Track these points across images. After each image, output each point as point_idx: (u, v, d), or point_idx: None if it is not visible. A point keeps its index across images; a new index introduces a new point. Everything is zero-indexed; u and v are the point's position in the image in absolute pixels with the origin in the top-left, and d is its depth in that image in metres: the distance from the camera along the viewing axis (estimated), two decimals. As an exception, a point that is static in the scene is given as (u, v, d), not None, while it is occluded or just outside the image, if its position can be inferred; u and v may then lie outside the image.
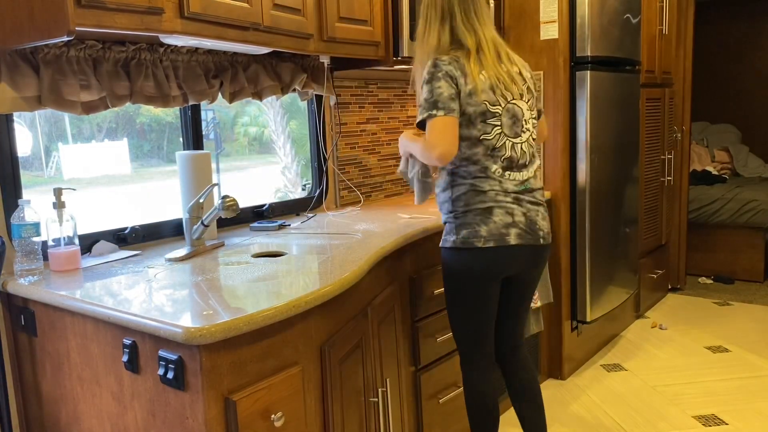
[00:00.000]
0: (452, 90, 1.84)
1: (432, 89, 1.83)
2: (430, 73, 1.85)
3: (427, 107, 1.83)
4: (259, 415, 1.34)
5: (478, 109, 1.85)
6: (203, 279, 1.63)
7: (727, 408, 2.78)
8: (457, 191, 1.92)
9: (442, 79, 1.84)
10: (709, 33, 5.84)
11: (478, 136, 1.87)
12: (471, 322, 2.01)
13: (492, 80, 1.88)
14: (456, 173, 1.93)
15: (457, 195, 1.92)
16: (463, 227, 1.91)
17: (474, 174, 1.90)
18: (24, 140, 1.92)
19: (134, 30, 1.61)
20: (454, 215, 1.93)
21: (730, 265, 4.73)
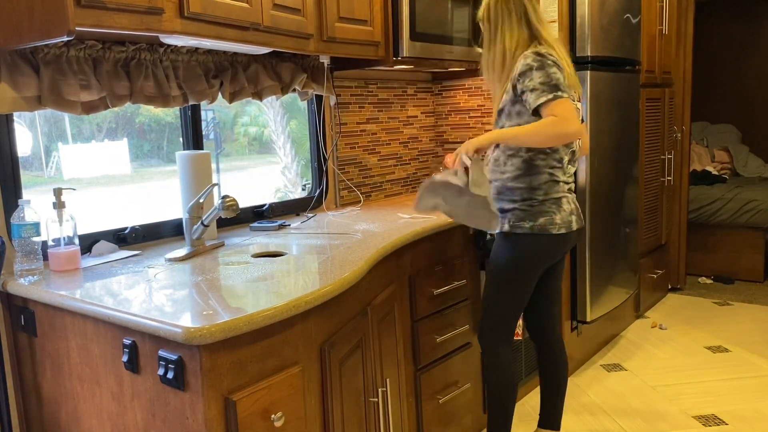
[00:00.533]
0: (563, 77, 1.92)
1: (548, 74, 1.89)
2: (539, 61, 1.91)
3: (548, 89, 1.88)
4: (259, 415, 1.34)
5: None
6: (203, 279, 1.63)
7: (727, 408, 2.78)
8: (537, 180, 2.04)
9: (553, 65, 1.91)
10: (709, 33, 5.84)
11: None
12: (520, 303, 2.16)
13: (570, 79, 1.99)
14: (532, 162, 2.03)
15: (537, 184, 2.04)
16: (541, 215, 2.04)
17: (551, 164, 2.04)
18: (24, 140, 1.92)
19: (134, 30, 1.61)
20: (529, 203, 2.05)
21: (730, 265, 4.73)
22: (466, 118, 3.26)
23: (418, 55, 2.57)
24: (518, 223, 2.06)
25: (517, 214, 2.06)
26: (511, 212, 2.08)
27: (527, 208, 2.05)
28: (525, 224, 2.05)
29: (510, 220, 2.07)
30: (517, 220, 2.06)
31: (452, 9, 2.71)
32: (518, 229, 2.06)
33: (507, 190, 2.08)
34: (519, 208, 2.06)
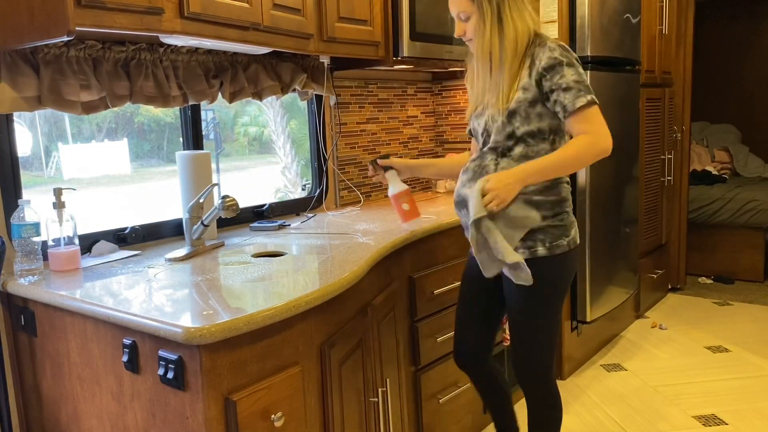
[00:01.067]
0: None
1: (579, 72, 1.72)
2: (566, 55, 1.71)
3: (585, 90, 1.70)
4: (259, 415, 1.34)
5: None
6: (203, 279, 1.63)
7: (727, 408, 2.78)
8: (563, 190, 1.83)
9: (580, 64, 1.75)
10: (709, 33, 5.84)
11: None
12: (558, 331, 1.93)
13: None
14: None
15: (565, 194, 1.83)
16: (572, 226, 1.84)
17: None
18: (24, 140, 1.92)
19: (134, 30, 1.61)
20: (561, 217, 1.81)
21: (730, 265, 4.73)
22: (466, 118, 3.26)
23: (418, 55, 2.57)
24: (556, 242, 1.79)
25: (552, 232, 1.79)
26: (544, 231, 1.78)
27: (560, 224, 1.80)
28: (563, 241, 1.80)
29: (545, 241, 1.78)
30: (554, 239, 1.79)
31: (452, 9, 2.71)
32: (557, 249, 1.79)
33: (536, 206, 1.78)
34: (553, 224, 1.79)
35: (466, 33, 1.80)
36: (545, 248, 1.78)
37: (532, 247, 1.78)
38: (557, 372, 3.12)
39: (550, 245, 1.78)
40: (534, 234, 1.78)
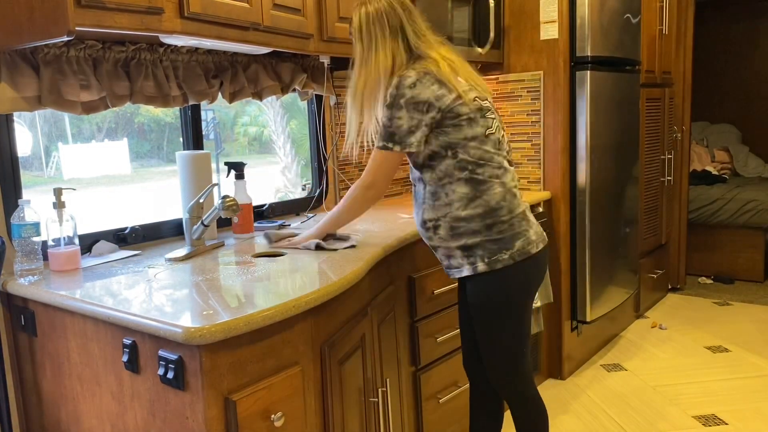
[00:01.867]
0: (418, 118, 1.72)
1: (391, 116, 1.73)
2: (392, 95, 1.72)
3: (383, 136, 1.75)
4: (259, 415, 1.34)
5: (473, 106, 1.75)
6: (203, 279, 1.63)
7: (727, 408, 2.78)
8: (492, 197, 1.75)
9: (405, 106, 1.70)
10: (709, 33, 5.84)
11: (484, 132, 1.76)
12: (525, 338, 1.89)
13: (470, 82, 1.80)
14: (476, 179, 1.75)
15: (496, 202, 1.75)
16: (516, 237, 1.76)
17: (497, 174, 1.77)
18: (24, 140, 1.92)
19: (134, 30, 1.61)
20: (498, 229, 1.74)
21: (730, 265, 4.73)
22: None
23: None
24: (494, 257, 1.75)
25: (489, 246, 1.75)
26: (480, 246, 1.75)
27: (498, 236, 1.75)
28: (503, 255, 1.75)
29: (483, 257, 1.75)
30: (491, 253, 1.75)
31: (452, 9, 2.71)
32: (497, 264, 1.75)
33: (463, 223, 1.75)
34: (488, 239, 1.75)
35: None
36: (484, 264, 1.76)
37: (474, 263, 1.77)
38: (557, 372, 3.12)
39: (487, 261, 1.76)
40: (473, 250, 1.76)
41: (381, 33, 1.76)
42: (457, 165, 1.74)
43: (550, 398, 2.92)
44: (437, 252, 1.86)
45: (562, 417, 2.74)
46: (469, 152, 1.75)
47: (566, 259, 3.06)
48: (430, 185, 1.79)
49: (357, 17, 1.81)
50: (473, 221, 1.75)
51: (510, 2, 3.02)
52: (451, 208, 1.76)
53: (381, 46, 1.76)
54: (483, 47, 2.89)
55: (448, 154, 1.75)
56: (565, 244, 3.05)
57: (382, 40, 1.76)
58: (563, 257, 3.04)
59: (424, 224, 1.83)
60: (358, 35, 1.80)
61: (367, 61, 1.78)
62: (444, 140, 1.74)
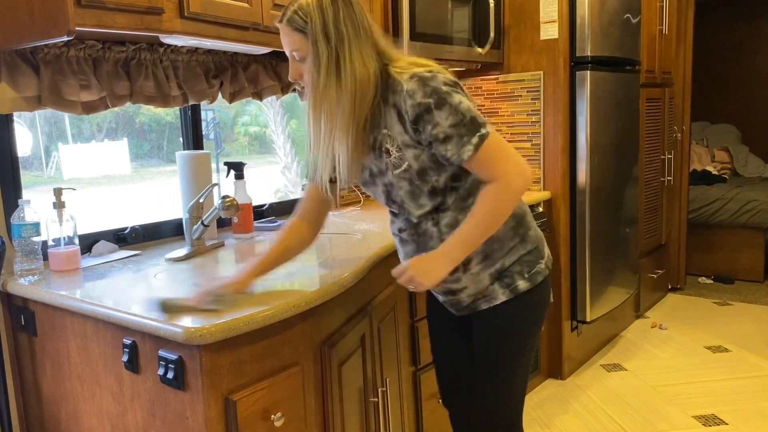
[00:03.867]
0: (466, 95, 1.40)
1: (456, 108, 1.34)
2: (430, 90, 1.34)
3: (467, 131, 1.34)
4: (259, 415, 1.34)
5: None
6: (203, 279, 1.63)
7: (727, 408, 2.78)
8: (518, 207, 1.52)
9: (451, 88, 1.37)
10: (709, 33, 5.84)
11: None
12: (528, 375, 1.65)
13: None
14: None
15: (520, 207, 1.53)
16: (543, 243, 1.57)
17: None
18: (24, 140, 1.92)
19: (134, 30, 1.61)
20: (530, 237, 1.53)
21: (730, 265, 4.73)
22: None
23: (418, 55, 2.57)
24: (533, 270, 1.53)
25: (526, 260, 1.52)
26: (517, 263, 1.51)
27: (532, 245, 1.54)
28: (540, 265, 1.54)
29: (522, 273, 1.51)
30: (530, 266, 1.52)
31: (452, 9, 2.71)
32: (537, 278, 1.53)
33: (497, 244, 1.49)
34: (525, 251, 1.53)
35: (302, 76, 1.41)
36: (525, 280, 1.51)
37: (511, 284, 1.50)
38: (557, 372, 3.12)
39: (529, 275, 1.52)
40: (510, 269, 1.50)
41: (355, 36, 1.35)
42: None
43: (550, 398, 2.92)
44: (461, 296, 1.54)
45: (562, 417, 2.74)
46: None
47: (566, 259, 3.06)
48: (451, 213, 1.45)
49: (314, 5, 1.34)
50: (507, 237, 1.50)
51: (510, 2, 3.02)
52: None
53: (357, 54, 1.35)
54: (483, 47, 2.89)
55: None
56: (565, 244, 3.05)
57: (357, 47, 1.35)
58: (563, 257, 3.04)
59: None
60: (322, 32, 1.33)
61: (337, 69, 1.35)
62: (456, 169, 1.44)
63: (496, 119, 3.15)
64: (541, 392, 2.99)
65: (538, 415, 2.77)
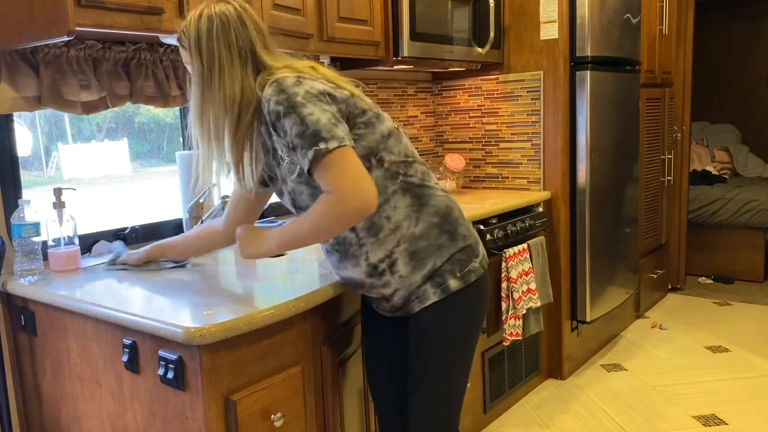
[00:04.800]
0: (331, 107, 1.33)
1: (301, 117, 1.29)
2: (282, 102, 1.30)
3: (307, 142, 1.28)
4: (259, 415, 1.34)
5: (368, 100, 1.48)
6: (203, 279, 1.63)
7: (727, 408, 2.78)
8: (439, 199, 1.46)
9: (303, 97, 1.30)
10: (709, 33, 5.84)
11: (393, 125, 1.48)
12: (465, 382, 1.56)
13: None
14: (411, 183, 1.43)
15: (444, 203, 1.46)
16: (478, 242, 1.51)
17: (426, 172, 1.48)
18: (24, 140, 1.92)
19: (134, 30, 1.61)
20: (461, 234, 1.47)
21: (730, 265, 4.73)
22: (466, 118, 3.26)
23: (418, 55, 2.57)
24: (466, 268, 1.45)
25: (458, 258, 1.45)
26: (449, 262, 1.44)
27: (464, 243, 1.47)
28: (474, 263, 1.47)
29: (453, 272, 1.44)
30: (463, 264, 1.45)
31: (452, 9, 2.72)
32: (471, 276, 1.46)
33: (423, 242, 1.42)
34: (456, 249, 1.45)
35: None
36: (457, 279, 1.45)
37: (442, 284, 1.44)
38: (557, 372, 3.12)
39: (462, 273, 1.45)
40: (441, 269, 1.44)
41: (227, 53, 1.35)
42: (387, 174, 1.41)
43: (550, 398, 2.92)
44: (393, 299, 1.47)
45: (562, 417, 2.74)
46: (392, 151, 1.42)
47: (566, 259, 3.06)
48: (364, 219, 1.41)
49: (194, 24, 1.37)
50: (432, 234, 1.43)
51: (510, 2, 3.02)
52: (401, 231, 1.41)
53: (228, 72, 1.35)
54: (483, 47, 2.89)
55: (372, 163, 1.40)
56: (565, 244, 3.05)
57: (228, 64, 1.35)
58: (563, 257, 3.04)
59: (374, 270, 1.44)
60: (195, 49, 1.36)
61: (210, 84, 1.36)
62: (363, 146, 1.38)
63: (496, 119, 3.15)
64: (541, 392, 2.99)
65: (538, 415, 2.77)
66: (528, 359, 2.93)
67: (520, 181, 3.12)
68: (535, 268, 2.73)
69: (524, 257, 2.65)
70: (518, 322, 2.63)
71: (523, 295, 2.62)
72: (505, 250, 2.58)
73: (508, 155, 3.15)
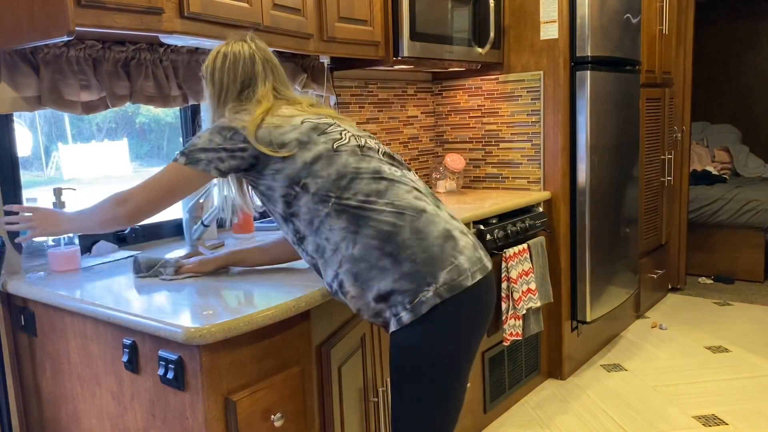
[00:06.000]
0: (226, 142, 1.47)
1: (198, 139, 1.49)
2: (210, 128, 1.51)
3: (181, 153, 1.49)
4: (259, 416, 1.34)
5: (303, 128, 1.49)
6: (203, 279, 1.63)
7: (727, 408, 2.78)
8: (382, 219, 1.40)
9: (213, 134, 1.48)
10: (709, 33, 5.84)
11: (330, 147, 1.48)
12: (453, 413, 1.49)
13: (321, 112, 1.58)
14: (345, 204, 1.41)
15: (389, 223, 1.39)
16: (438, 266, 1.38)
17: (377, 190, 1.43)
18: (24, 140, 1.92)
19: (134, 30, 1.61)
20: (409, 258, 1.37)
21: (730, 265, 4.73)
22: (466, 118, 3.26)
23: (418, 55, 2.58)
24: (416, 299, 1.35)
25: (404, 286, 1.36)
26: (396, 292, 1.36)
27: (410, 269, 1.35)
28: (426, 293, 1.35)
29: (403, 303, 1.36)
30: (412, 295, 1.35)
31: (452, 9, 2.72)
32: (422, 308, 1.34)
33: (362, 264, 1.38)
34: (401, 275, 1.36)
35: None
36: (408, 311, 1.36)
37: (397, 314, 1.38)
38: (557, 372, 3.12)
39: (411, 305, 1.36)
40: (390, 297, 1.37)
41: (233, 86, 1.56)
42: (316, 198, 1.41)
43: (550, 398, 2.92)
44: (363, 315, 1.47)
45: (562, 417, 2.74)
46: (320, 176, 1.42)
47: (566, 259, 3.06)
48: (309, 240, 1.46)
49: (211, 59, 1.58)
50: (372, 256, 1.38)
51: (510, 2, 3.02)
52: (340, 252, 1.40)
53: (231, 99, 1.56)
54: (483, 47, 2.89)
55: (296, 190, 1.43)
56: (565, 244, 3.05)
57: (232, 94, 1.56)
58: (563, 257, 3.04)
59: (331, 288, 1.47)
60: (210, 78, 1.58)
61: (216, 107, 1.58)
62: (283, 176, 1.43)
63: (496, 119, 3.15)
64: (541, 392, 2.99)
65: (538, 415, 2.77)
66: (528, 359, 2.93)
67: (520, 181, 3.12)
68: (535, 268, 2.73)
69: (524, 257, 2.65)
70: (518, 322, 2.63)
71: (523, 295, 2.62)
72: (505, 250, 2.58)
73: (508, 155, 3.15)
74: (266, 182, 1.46)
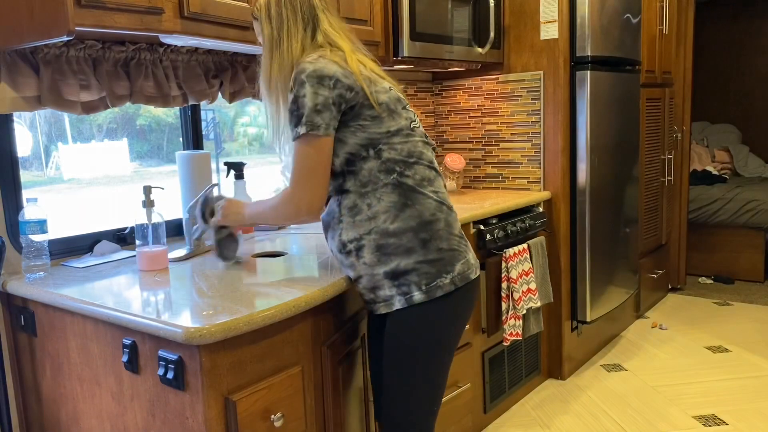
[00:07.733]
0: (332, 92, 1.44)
1: (296, 97, 1.44)
2: (295, 77, 1.45)
3: (293, 121, 1.45)
4: (259, 415, 1.34)
5: (391, 95, 1.55)
6: (203, 279, 1.63)
7: (727, 408, 2.78)
8: (428, 207, 1.49)
9: (308, 81, 1.43)
10: (709, 33, 5.84)
11: (408, 124, 1.55)
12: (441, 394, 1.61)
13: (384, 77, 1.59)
14: (405, 185, 1.49)
15: (431, 213, 1.49)
16: (457, 258, 1.51)
17: (429, 178, 1.53)
18: (24, 140, 1.92)
19: (134, 30, 1.61)
20: (437, 246, 1.48)
21: (730, 265, 4.73)
22: (466, 118, 3.26)
23: (418, 55, 2.58)
24: (433, 282, 1.46)
25: (426, 270, 1.46)
26: (415, 271, 1.46)
27: (437, 256, 1.47)
28: (444, 280, 1.47)
29: (419, 284, 1.46)
30: (430, 278, 1.46)
31: (452, 9, 2.72)
32: (437, 292, 1.46)
33: (393, 239, 1.46)
34: (425, 259, 1.46)
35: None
36: (422, 292, 1.46)
37: (407, 293, 1.46)
38: (557, 372, 3.12)
39: (427, 287, 1.46)
40: (406, 276, 1.46)
41: (293, 17, 1.51)
42: (383, 167, 1.47)
43: (550, 398, 2.92)
44: (359, 283, 1.53)
45: (562, 417, 2.74)
46: (395, 148, 1.48)
47: (566, 259, 3.06)
48: (351, 197, 1.49)
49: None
50: (405, 236, 1.46)
51: (510, 2, 3.02)
52: (376, 221, 1.46)
53: (294, 33, 1.51)
54: (483, 47, 2.89)
55: (369, 153, 1.47)
56: (565, 244, 3.05)
57: (294, 27, 1.51)
58: (563, 257, 3.04)
59: (343, 248, 1.51)
60: (266, 15, 1.52)
61: (279, 45, 1.51)
62: (363, 136, 1.47)
63: (496, 119, 3.15)
64: (541, 392, 2.99)
65: (538, 415, 2.77)
66: (528, 359, 2.93)
67: (520, 181, 3.12)
68: (535, 268, 2.73)
69: (524, 257, 2.65)
70: (518, 322, 2.63)
71: (523, 295, 2.62)
72: (505, 250, 2.58)
73: (508, 155, 3.15)
74: (341, 135, 1.47)
